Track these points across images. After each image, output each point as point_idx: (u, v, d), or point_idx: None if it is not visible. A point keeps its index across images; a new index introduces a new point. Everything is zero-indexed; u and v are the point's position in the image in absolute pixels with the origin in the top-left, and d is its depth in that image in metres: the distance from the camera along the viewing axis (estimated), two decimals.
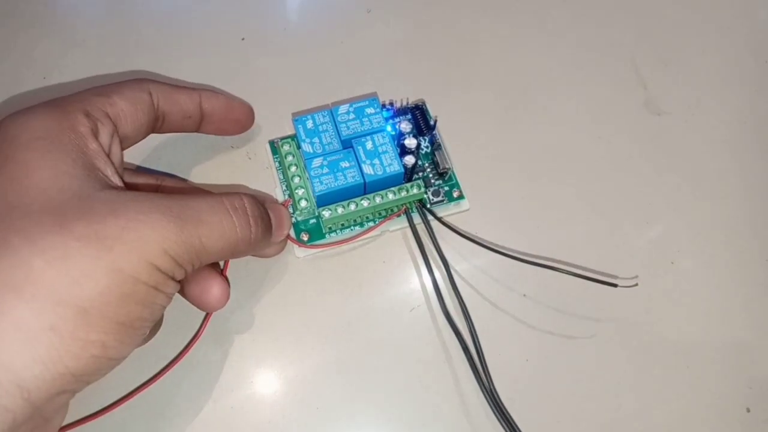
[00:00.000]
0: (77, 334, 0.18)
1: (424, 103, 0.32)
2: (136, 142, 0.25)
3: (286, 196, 0.29)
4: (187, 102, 0.26)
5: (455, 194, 0.30)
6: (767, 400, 0.27)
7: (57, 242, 0.18)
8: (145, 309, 0.20)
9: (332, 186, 0.26)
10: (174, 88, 0.26)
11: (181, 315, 0.26)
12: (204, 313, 0.27)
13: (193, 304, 0.25)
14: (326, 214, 0.27)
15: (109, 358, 0.19)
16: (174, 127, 0.26)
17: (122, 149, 0.24)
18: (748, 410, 0.27)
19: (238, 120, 0.29)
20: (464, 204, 0.30)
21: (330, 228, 0.28)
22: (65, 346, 0.18)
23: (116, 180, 0.21)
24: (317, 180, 0.26)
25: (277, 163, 0.30)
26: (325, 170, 0.26)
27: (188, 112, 0.26)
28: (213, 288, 0.24)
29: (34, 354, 0.17)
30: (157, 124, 0.25)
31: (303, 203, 0.28)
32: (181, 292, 0.25)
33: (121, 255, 0.18)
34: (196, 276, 0.24)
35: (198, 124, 0.27)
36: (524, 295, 0.28)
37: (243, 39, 0.35)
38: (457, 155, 0.31)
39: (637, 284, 0.28)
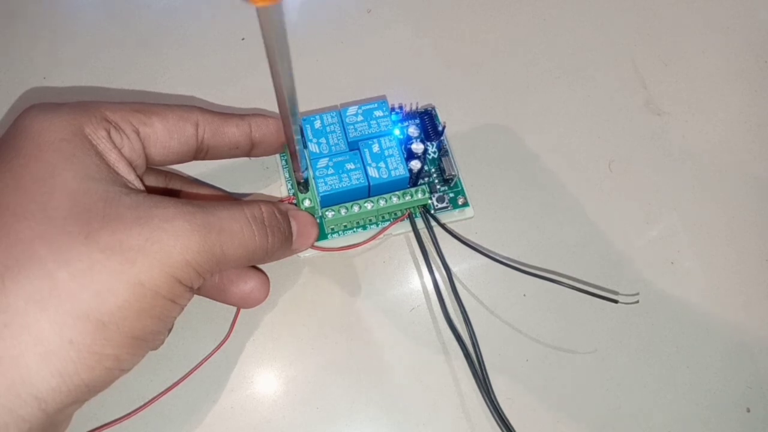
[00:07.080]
0: (94, 348, 0.18)
1: (433, 109, 0.31)
2: (163, 165, 0.24)
3: (290, 194, 0.29)
4: (236, 134, 0.25)
5: (460, 201, 0.29)
6: (767, 400, 0.27)
7: (82, 253, 0.18)
8: (159, 323, 0.20)
9: (336, 187, 0.26)
10: (223, 119, 0.25)
11: (181, 318, 0.26)
12: (231, 318, 0.27)
13: (229, 303, 0.26)
14: (329, 214, 0.27)
15: (121, 370, 0.20)
16: (220, 156, 0.26)
17: (146, 165, 0.23)
18: (748, 410, 0.27)
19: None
20: (468, 211, 0.30)
21: (332, 229, 0.28)
22: (82, 360, 0.18)
23: (138, 184, 0.21)
24: (322, 180, 0.26)
25: (283, 162, 0.30)
26: (330, 171, 0.26)
27: (237, 144, 0.25)
28: (263, 285, 0.26)
29: (52, 368, 0.18)
30: (199, 154, 0.25)
31: (307, 203, 0.28)
32: (216, 294, 0.25)
33: (143, 269, 0.19)
34: (241, 274, 0.25)
35: (247, 153, 0.26)
36: (524, 295, 0.28)
37: (243, 39, 0.35)
38: (463, 162, 0.31)
39: (638, 301, 0.28)
